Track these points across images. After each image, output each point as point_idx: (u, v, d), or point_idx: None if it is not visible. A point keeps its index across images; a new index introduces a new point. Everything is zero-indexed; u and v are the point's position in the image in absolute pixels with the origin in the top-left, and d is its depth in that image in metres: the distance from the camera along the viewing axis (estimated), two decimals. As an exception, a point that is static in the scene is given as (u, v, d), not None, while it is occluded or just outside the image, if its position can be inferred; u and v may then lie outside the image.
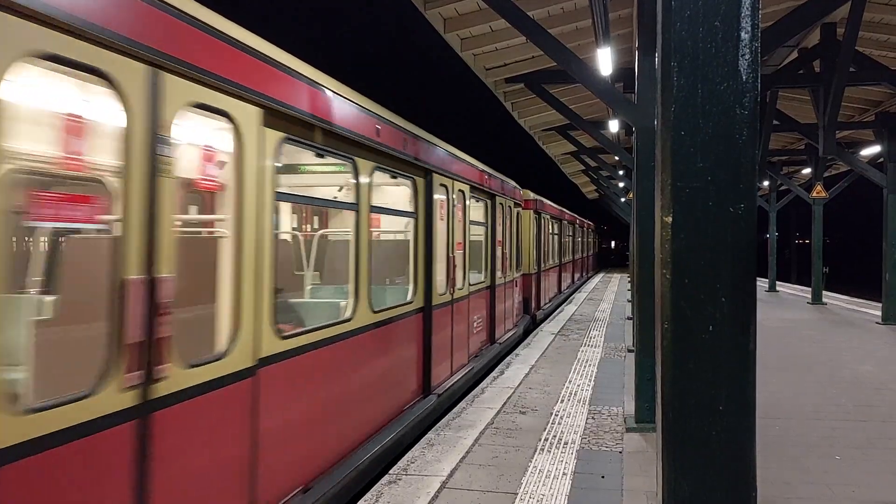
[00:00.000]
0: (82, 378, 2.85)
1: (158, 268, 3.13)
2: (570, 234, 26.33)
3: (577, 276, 29.03)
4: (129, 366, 2.95)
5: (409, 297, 7.04)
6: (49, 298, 3.50)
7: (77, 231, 3.91)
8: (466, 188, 9.30)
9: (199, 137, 3.96)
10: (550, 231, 19.80)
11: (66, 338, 3.45)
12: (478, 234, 10.76)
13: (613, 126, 16.30)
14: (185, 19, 3.32)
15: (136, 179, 3.01)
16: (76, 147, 2.98)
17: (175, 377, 3.25)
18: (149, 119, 3.08)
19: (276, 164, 4.27)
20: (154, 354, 3.10)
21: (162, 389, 3.16)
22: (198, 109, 3.50)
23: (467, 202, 9.41)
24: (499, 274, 11.54)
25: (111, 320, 2.93)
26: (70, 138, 2.95)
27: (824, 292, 20.34)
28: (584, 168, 27.43)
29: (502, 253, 11.94)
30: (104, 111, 3.11)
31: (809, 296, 20.42)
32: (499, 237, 11.55)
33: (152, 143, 3.09)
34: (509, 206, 12.60)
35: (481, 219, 10.85)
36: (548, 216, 18.79)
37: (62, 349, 3.44)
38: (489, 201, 11.09)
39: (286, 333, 4.49)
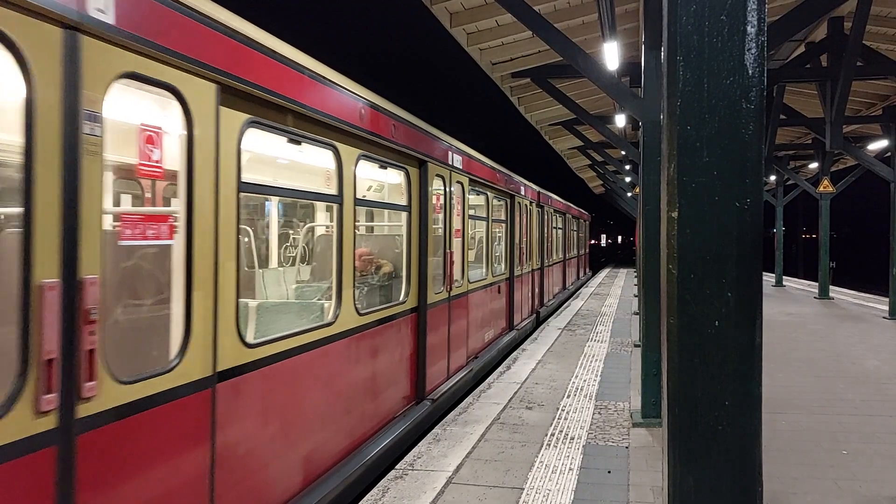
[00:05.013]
0: None
1: (82, 268, 2.63)
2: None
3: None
4: (46, 386, 2.48)
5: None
6: None
7: None
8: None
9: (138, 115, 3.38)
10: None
11: None
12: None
13: (620, 121, 16.23)
14: None
15: (49, 163, 2.49)
16: None
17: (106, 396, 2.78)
18: (68, 91, 2.59)
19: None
20: (78, 371, 2.62)
21: (88, 411, 2.67)
22: (134, 81, 3.01)
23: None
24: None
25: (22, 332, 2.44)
26: None
27: (831, 287, 20.26)
28: (590, 163, 27.36)
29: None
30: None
31: (816, 290, 20.34)
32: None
33: (74, 119, 2.62)
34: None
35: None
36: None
37: None
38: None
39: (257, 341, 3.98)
